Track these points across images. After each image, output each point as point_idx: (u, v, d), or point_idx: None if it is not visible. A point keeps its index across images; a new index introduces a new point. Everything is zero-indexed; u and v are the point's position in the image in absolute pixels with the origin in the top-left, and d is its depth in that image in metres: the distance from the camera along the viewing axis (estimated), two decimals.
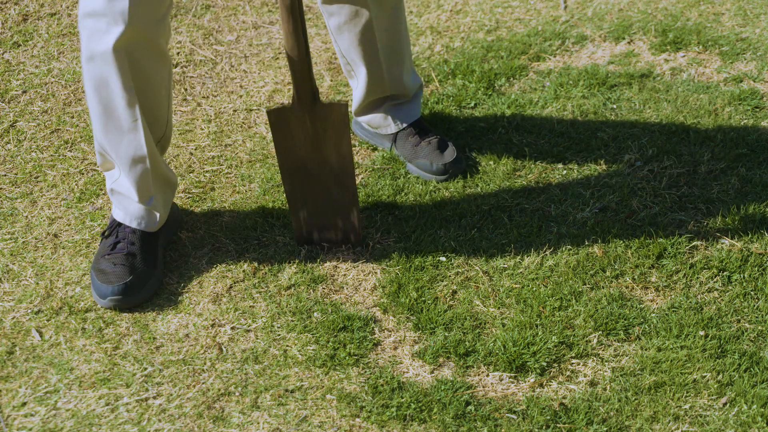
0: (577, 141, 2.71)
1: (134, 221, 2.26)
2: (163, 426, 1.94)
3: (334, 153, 2.24)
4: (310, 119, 2.21)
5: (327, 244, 2.36)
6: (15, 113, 2.87)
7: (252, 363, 2.07)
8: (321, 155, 2.25)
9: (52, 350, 2.11)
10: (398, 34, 2.53)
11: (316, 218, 2.33)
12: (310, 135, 2.23)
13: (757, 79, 2.97)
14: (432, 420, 1.94)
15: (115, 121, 2.14)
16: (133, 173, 2.20)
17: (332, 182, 2.28)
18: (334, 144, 2.23)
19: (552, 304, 2.19)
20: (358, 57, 2.52)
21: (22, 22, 3.30)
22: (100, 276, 2.20)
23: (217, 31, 3.29)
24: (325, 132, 2.22)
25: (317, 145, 2.24)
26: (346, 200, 2.30)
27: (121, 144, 2.17)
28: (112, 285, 2.17)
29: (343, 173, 2.27)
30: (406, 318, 2.19)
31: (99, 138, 2.20)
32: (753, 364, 2.05)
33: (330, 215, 2.33)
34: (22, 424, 1.94)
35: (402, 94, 2.63)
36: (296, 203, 2.31)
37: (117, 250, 2.24)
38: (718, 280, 2.26)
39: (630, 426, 1.93)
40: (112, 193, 2.27)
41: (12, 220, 2.47)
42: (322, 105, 2.20)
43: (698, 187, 2.53)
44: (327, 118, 2.20)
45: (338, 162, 2.25)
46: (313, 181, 2.29)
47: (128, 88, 2.10)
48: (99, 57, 2.07)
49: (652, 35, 3.22)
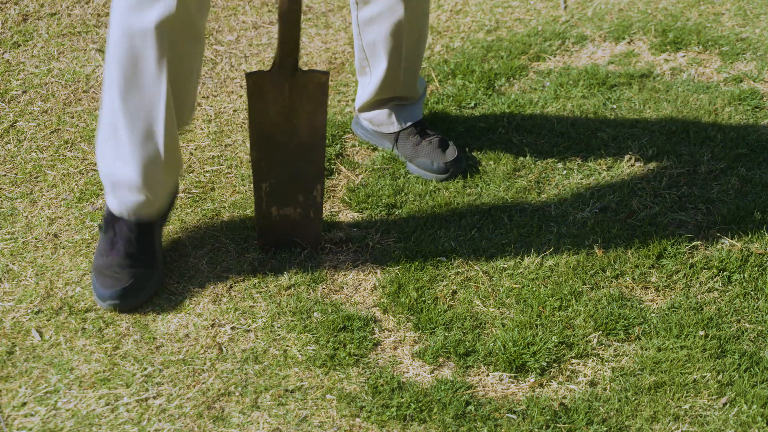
0: (577, 141, 2.71)
1: (133, 214, 2.19)
2: (163, 426, 1.94)
3: (306, 124, 2.19)
4: (288, 87, 2.15)
5: (284, 243, 2.33)
6: (15, 113, 2.87)
7: (252, 363, 2.07)
8: (293, 126, 2.19)
9: (52, 350, 2.10)
10: (423, 37, 2.53)
11: (278, 191, 2.27)
12: (286, 104, 2.16)
13: (757, 79, 2.97)
14: (432, 420, 1.94)
15: (138, 99, 2.05)
16: (143, 154, 2.10)
17: (300, 155, 2.23)
18: (308, 114, 2.17)
19: (552, 304, 2.19)
20: (382, 52, 2.50)
21: (22, 22, 3.30)
22: (99, 278, 2.19)
23: (217, 31, 3.30)
24: (301, 101, 2.16)
25: (291, 115, 2.18)
26: (311, 175, 2.25)
27: (138, 120, 2.07)
28: (111, 289, 2.16)
29: (313, 147, 2.22)
30: (406, 318, 2.19)
31: (114, 110, 2.09)
32: (753, 364, 2.05)
33: (293, 189, 2.27)
34: (22, 424, 1.94)
35: (411, 96, 2.63)
36: (261, 173, 2.24)
37: (115, 252, 2.21)
38: (718, 280, 2.26)
39: (630, 426, 1.93)
40: (107, 178, 2.18)
41: (12, 220, 2.47)
42: (303, 72, 2.14)
43: (698, 187, 2.53)
44: (305, 87, 2.15)
45: (310, 134, 2.20)
46: (282, 152, 2.23)
47: (161, 68, 2.01)
48: (137, 34, 1.97)
49: (652, 35, 3.22)
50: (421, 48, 2.57)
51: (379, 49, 2.50)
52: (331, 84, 3.02)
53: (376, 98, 2.62)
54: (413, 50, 2.53)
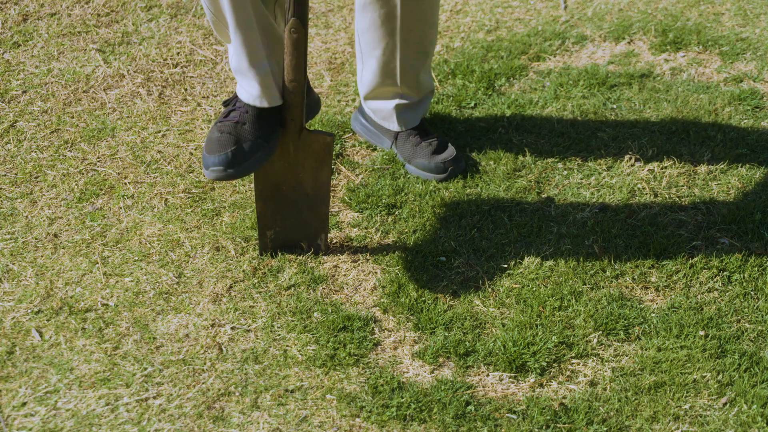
0: (577, 141, 2.71)
1: (256, 100, 2.19)
2: (163, 426, 1.94)
3: (311, 179, 2.26)
4: (293, 146, 2.23)
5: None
6: (15, 113, 2.87)
7: (252, 363, 2.07)
8: (298, 179, 2.27)
9: (52, 350, 2.11)
10: (424, 28, 2.50)
11: (283, 237, 2.34)
12: (291, 160, 2.24)
13: (757, 79, 2.97)
14: (432, 420, 1.94)
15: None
16: (241, 31, 2.13)
17: (305, 206, 2.30)
18: (313, 171, 2.25)
19: (552, 304, 2.19)
20: (374, 39, 2.49)
21: (22, 22, 3.30)
22: (207, 145, 2.17)
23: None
24: (305, 159, 2.24)
25: (296, 170, 2.26)
26: (315, 225, 2.32)
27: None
28: (214, 155, 2.14)
29: (317, 199, 2.28)
30: (406, 318, 2.19)
31: None
32: (753, 364, 2.05)
33: (297, 238, 2.34)
34: (22, 424, 1.94)
35: (412, 92, 2.61)
36: (266, 222, 2.31)
37: (229, 118, 2.20)
38: (718, 280, 2.26)
39: (630, 426, 1.94)
40: (236, 72, 2.22)
41: (12, 220, 2.47)
42: (308, 133, 2.22)
43: (698, 187, 2.53)
44: (310, 147, 2.22)
45: (314, 188, 2.27)
46: (287, 202, 2.30)
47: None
48: None
49: (652, 35, 3.22)
50: (423, 41, 2.53)
51: (370, 36, 2.49)
52: (331, 84, 3.02)
53: (377, 87, 2.60)
54: (413, 43, 2.50)
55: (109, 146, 2.73)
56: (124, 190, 2.57)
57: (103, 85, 3.00)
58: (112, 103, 2.92)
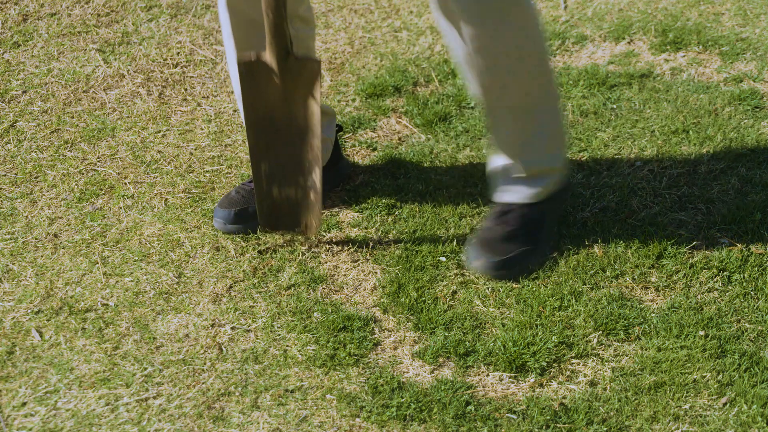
0: (577, 141, 2.71)
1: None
2: (163, 426, 1.94)
3: (302, 109, 2.20)
4: (281, 73, 2.17)
5: (285, 227, 2.35)
6: (15, 113, 2.87)
7: (252, 363, 2.07)
8: (289, 109, 2.21)
9: (52, 350, 2.11)
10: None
11: (278, 173, 2.28)
12: (279, 89, 2.18)
13: (757, 79, 2.97)
14: (432, 420, 1.94)
15: None
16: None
17: (297, 138, 2.24)
18: (302, 100, 2.19)
19: (552, 304, 2.19)
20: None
21: (22, 22, 3.30)
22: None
23: (217, 31, 3.29)
24: (295, 88, 2.18)
25: (286, 100, 2.20)
26: (309, 158, 2.25)
27: None
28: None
29: (309, 131, 2.23)
30: (406, 318, 2.19)
31: None
32: (753, 364, 2.05)
33: (292, 171, 2.28)
34: (22, 424, 1.94)
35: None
36: (259, 156, 2.25)
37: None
38: (718, 280, 2.26)
39: (630, 426, 1.94)
40: None
41: (12, 220, 2.47)
42: (295, 60, 2.16)
43: (698, 187, 2.53)
44: (299, 74, 2.16)
45: (305, 119, 2.21)
46: (279, 134, 2.24)
47: None
48: None
49: (652, 35, 3.22)
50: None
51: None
52: (331, 84, 3.02)
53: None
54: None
55: (109, 146, 2.73)
56: (124, 190, 2.57)
57: (103, 85, 3.00)
58: (112, 103, 2.92)
